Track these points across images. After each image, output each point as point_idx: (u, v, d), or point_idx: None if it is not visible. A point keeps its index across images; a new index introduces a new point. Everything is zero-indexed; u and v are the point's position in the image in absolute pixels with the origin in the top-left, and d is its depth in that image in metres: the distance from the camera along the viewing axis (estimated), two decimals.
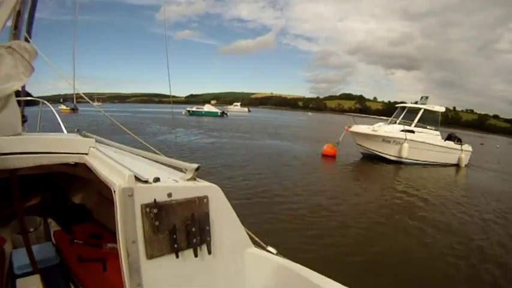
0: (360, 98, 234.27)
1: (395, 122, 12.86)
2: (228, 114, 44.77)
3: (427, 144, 12.11)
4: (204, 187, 1.13)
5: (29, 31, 2.06)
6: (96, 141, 1.70)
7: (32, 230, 1.95)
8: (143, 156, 1.56)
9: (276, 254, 1.23)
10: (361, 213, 5.82)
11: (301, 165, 10.08)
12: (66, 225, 2.05)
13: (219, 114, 41.23)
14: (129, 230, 0.92)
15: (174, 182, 1.10)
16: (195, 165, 1.15)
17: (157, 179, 1.03)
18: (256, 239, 1.31)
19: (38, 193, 2.19)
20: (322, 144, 12.87)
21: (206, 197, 1.11)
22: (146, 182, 1.00)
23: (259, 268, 1.19)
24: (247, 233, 1.26)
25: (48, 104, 3.13)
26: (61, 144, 1.47)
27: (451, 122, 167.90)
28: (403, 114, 13.06)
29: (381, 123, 12.66)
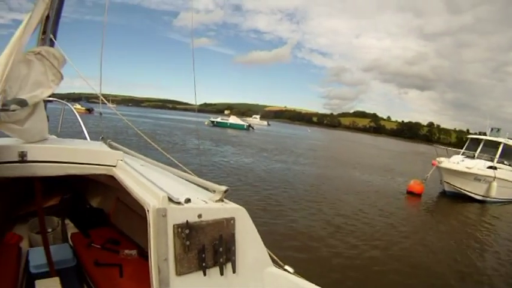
0: (374, 117, 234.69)
1: (474, 156, 11.55)
2: (255, 128, 42.80)
3: None
4: (232, 209, 1.20)
5: (54, 34, 2.03)
6: (123, 151, 1.78)
7: (49, 230, 1.98)
8: (171, 173, 1.63)
9: (294, 273, 1.31)
10: None
11: (383, 202, 8.71)
12: (83, 228, 2.12)
13: (245, 127, 39.45)
14: (161, 248, 0.99)
15: (204, 203, 1.17)
16: (224, 188, 1.23)
17: (188, 200, 1.10)
18: (275, 258, 1.38)
19: (57, 194, 2.24)
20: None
21: (233, 219, 1.18)
22: (179, 203, 1.07)
23: (277, 286, 1.26)
24: (268, 252, 1.33)
25: (71, 107, 3.20)
26: (90, 156, 1.51)
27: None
28: (480, 147, 11.80)
29: (459, 157, 11.36)
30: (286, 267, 1.34)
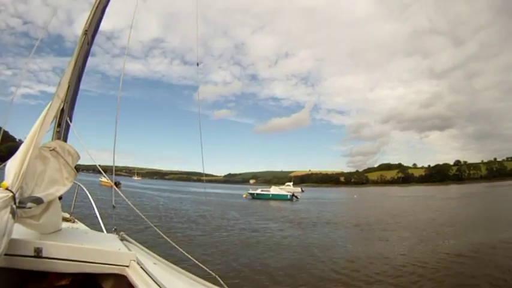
0: (400, 167, 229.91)
1: None
2: (299, 197, 39.61)
3: None
4: None
5: (70, 116, 2.22)
6: (136, 246, 2.01)
7: None
8: (184, 275, 1.73)
9: None
10: None
11: None
12: None
13: (288, 197, 36.77)
14: None
15: None
16: None
17: None
18: None
19: (69, 274, 2.07)
20: None
21: None
22: None
23: None
24: None
25: (84, 188, 3.26)
26: (104, 256, 1.61)
27: (497, 175, 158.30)
28: None
29: None
30: None
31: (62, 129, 2.14)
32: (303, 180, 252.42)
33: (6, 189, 1.21)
